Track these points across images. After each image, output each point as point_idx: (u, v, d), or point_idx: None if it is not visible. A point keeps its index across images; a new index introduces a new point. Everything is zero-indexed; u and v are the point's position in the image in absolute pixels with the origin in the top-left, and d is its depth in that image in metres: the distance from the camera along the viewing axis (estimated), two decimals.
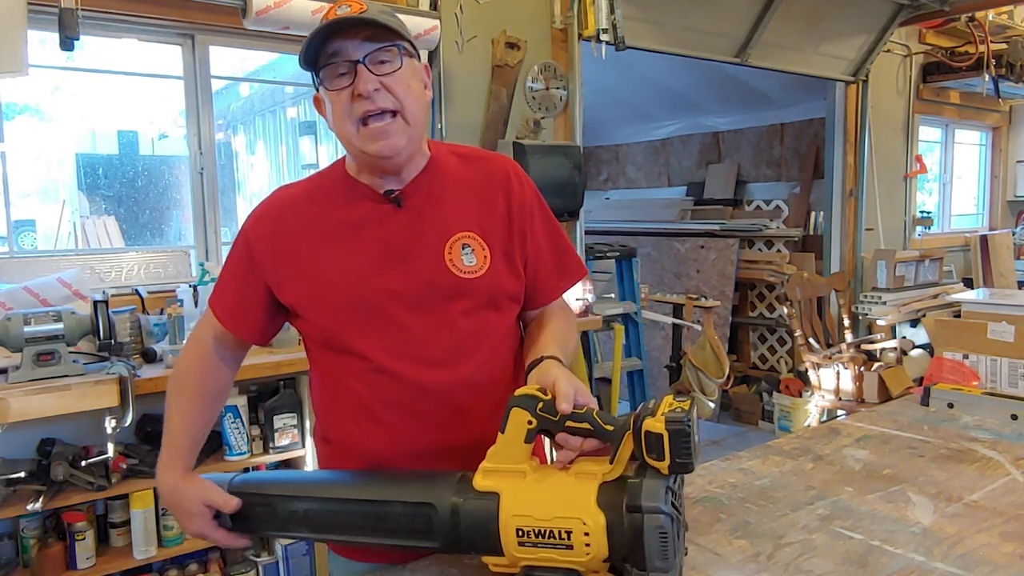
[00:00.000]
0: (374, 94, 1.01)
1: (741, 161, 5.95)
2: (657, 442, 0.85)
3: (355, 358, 1.09)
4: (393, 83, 1.03)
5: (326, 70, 1.03)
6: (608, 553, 0.87)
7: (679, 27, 3.61)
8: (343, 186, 1.13)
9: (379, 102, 1.02)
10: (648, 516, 0.84)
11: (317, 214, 1.11)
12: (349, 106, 1.03)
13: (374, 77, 1.01)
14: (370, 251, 1.08)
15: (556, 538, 0.88)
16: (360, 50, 1.01)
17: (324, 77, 1.04)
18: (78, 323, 1.97)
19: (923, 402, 1.77)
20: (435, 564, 1.05)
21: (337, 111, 1.04)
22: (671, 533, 0.84)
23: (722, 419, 4.89)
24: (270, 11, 2.39)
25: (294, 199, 1.15)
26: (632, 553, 0.85)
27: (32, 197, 4.63)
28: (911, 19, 4.51)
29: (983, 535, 1.07)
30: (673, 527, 0.84)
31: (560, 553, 0.88)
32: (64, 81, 4.37)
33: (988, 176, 6.53)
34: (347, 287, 1.08)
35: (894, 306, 4.44)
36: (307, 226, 1.11)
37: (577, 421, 0.91)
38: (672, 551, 0.84)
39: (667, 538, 0.83)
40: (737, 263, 5.06)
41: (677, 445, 0.84)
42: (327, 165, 1.20)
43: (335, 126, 1.06)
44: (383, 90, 1.02)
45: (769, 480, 1.30)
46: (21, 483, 1.93)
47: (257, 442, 2.27)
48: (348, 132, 1.04)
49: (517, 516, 0.90)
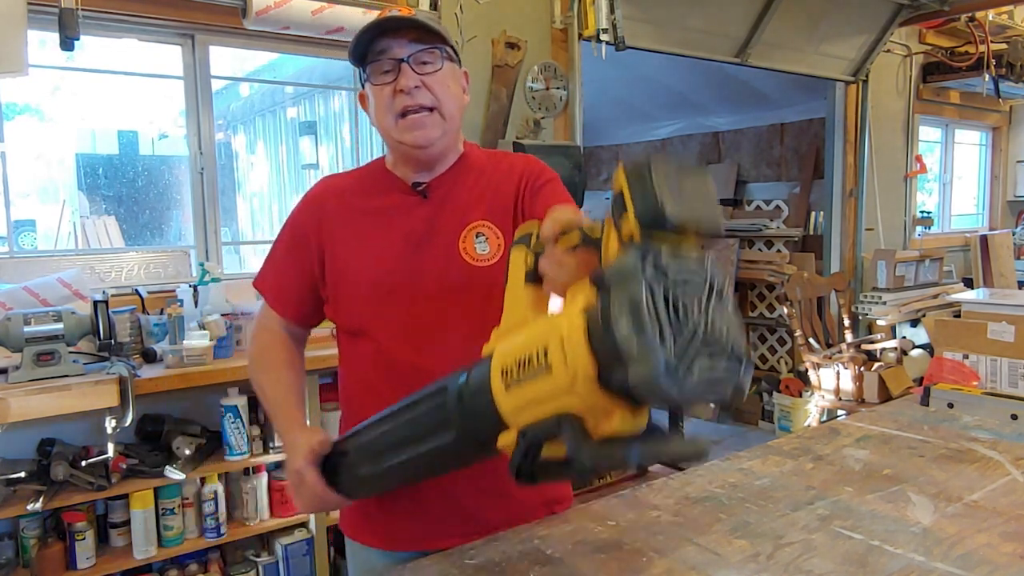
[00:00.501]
0: (414, 91, 1.10)
1: (741, 161, 5.95)
2: (620, 200, 0.69)
3: (367, 341, 1.15)
4: (433, 82, 1.11)
5: (372, 66, 1.11)
6: (595, 365, 0.67)
7: (679, 27, 3.61)
8: (379, 178, 1.21)
9: (418, 98, 1.10)
10: (615, 289, 0.65)
11: (353, 202, 1.20)
12: (391, 100, 1.11)
13: (416, 75, 1.10)
14: (393, 239, 1.15)
15: (535, 363, 0.72)
16: (405, 49, 1.10)
17: (370, 72, 1.12)
18: (78, 323, 1.97)
19: (923, 402, 1.77)
20: (435, 564, 1.05)
21: (379, 104, 1.12)
22: (651, 307, 0.64)
23: (722, 419, 4.89)
24: (270, 11, 2.39)
25: (336, 188, 1.23)
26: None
27: (32, 197, 4.63)
28: (911, 19, 4.51)
29: (983, 535, 1.07)
30: (659, 303, 0.64)
31: (543, 383, 0.72)
32: (64, 81, 4.37)
33: (988, 176, 6.53)
34: (366, 272, 1.15)
35: (894, 306, 4.44)
36: (343, 213, 1.19)
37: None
38: (657, 332, 0.63)
39: (640, 311, 0.63)
40: (737, 263, 5.06)
41: (639, 188, 0.67)
42: (369, 161, 1.30)
43: (376, 119, 1.15)
44: (423, 88, 1.10)
45: (769, 480, 1.30)
46: (21, 483, 1.93)
47: (257, 442, 2.27)
48: (388, 124, 1.13)
49: (501, 358, 0.78)
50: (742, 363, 0.68)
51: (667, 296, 0.65)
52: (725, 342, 0.67)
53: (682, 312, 0.65)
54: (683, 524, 1.13)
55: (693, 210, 0.69)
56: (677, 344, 0.64)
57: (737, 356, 0.68)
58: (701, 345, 0.65)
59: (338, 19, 2.52)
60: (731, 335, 0.68)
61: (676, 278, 0.66)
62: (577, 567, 1.01)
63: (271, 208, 5.41)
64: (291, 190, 5.22)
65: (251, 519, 2.27)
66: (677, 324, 0.65)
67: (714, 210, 0.72)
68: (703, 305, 0.67)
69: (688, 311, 0.66)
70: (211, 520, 2.18)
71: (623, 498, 1.24)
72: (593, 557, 1.03)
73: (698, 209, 0.70)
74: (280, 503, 2.32)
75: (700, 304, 0.67)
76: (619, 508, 1.20)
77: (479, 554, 1.07)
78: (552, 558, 1.04)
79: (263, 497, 2.30)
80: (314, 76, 4.12)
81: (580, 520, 1.16)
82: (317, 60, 3.30)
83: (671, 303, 0.65)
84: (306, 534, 2.35)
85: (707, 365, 0.65)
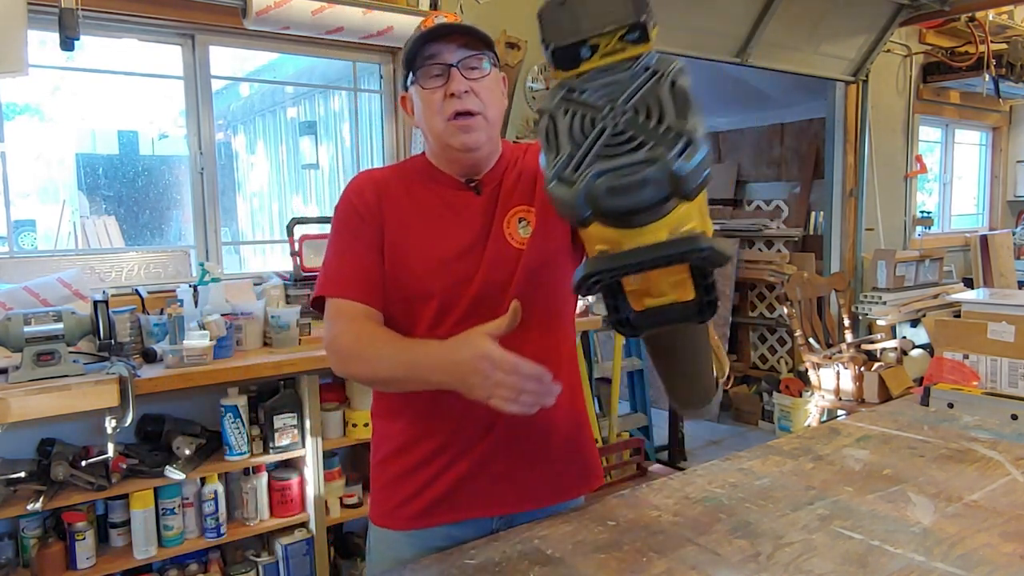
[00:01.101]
0: (464, 95, 1.13)
1: (741, 161, 5.95)
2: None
3: (429, 319, 1.17)
4: (481, 88, 1.14)
5: (423, 70, 1.15)
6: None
7: (679, 27, 3.61)
8: (427, 173, 1.23)
9: (467, 103, 1.13)
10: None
11: (411, 189, 1.22)
12: (441, 104, 1.14)
13: (466, 80, 1.13)
14: (451, 232, 1.18)
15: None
16: (455, 55, 1.13)
17: (420, 76, 1.15)
18: (78, 323, 1.97)
19: (923, 402, 1.77)
20: (435, 564, 1.05)
21: (429, 107, 1.15)
22: (551, 132, 0.69)
23: (722, 419, 4.89)
24: (270, 11, 2.39)
25: (387, 177, 1.24)
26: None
27: (32, 197, 4.63)
28: (911, 19, 4.51)
29: (983, 535, 1.07)
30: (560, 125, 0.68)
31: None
32: (64, 81, 4.36)
33: (988, 176, 6.53)
34: (425, 261, 1.17)
35: (894, 306, 4.44)
36: (404, 198, 1.20)
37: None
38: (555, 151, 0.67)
39: (545, 140, 0.69)
40: (737, 263, 5.06)
41: (541, 27, 0.73)
42: (405, 159, 1.32)
43: (424, 120, 1.17)
44: (472, 93, 1.13)
45: (769, 480, 1.30)
46: (21, 483, 1.93)
47: (257, 442, 2.27)
48: (437, 126, 1.15)
49: None
50: (678, 144, 0.63)
51: (572, 115, 0.68)
52: (640, 136, 0.65)
53: (585, 125, 0.67)
54: (683, 524, 1.13)
55: (595, 16, 0.70)
56: (576, 156, 0.66)
57: (666, 141, 0.64)
58: (603, 148, 0.66)
59: (338, 19, 2.52)
60: (663, 122, 0.65)
61: (585, 97, 0.69)
62: (577, 567, 1.01)
63: (271, 208, 5.41)
64: (291, 190, 5.21)
65: (251, 519, 2.27)
66: (581, 137, 0.66)
67: (619, 4, 0.71)
68: (615, 109, 0.67)
69: (589, 123, 0.67)
70: (211, 520, 2.18)
71: (623, 498, 1.24)
72: (593, 557, 1.03)
73: (600, 13, 0.70)
74: (280, 503, 2.32)
75: (611, 110, 0.67)
76: (619, 508, 1.20)
77: (479, 554, 1.07)
78: (552, 558, 1.04)
79: (263, 497, 2.30)
80: (314, 76, 4.11)
81: (580, 520, 1.16)
82: (317, 60, 3.30)
83: (573, 121, 0.68)
84: (306, 534, 2.35)
85: (608, 165, 0.65)
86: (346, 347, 1.14)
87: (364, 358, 1.12)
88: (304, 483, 2.35)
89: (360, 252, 1.18)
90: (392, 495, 1.24)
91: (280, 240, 2.91)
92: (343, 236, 1.20)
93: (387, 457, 1.26)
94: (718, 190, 5.94)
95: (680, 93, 0.68)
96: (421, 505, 1.21)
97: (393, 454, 1.24)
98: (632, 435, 3.48)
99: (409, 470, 1.22)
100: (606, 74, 0.71)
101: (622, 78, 0.70)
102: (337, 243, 1.21)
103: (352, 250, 1.19)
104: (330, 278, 1.19)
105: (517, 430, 1.18)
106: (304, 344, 2.38)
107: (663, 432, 4.01)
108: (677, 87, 0.68)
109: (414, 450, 1.22)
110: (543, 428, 1.22)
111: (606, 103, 0.68)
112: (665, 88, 0.68)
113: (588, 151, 0.66)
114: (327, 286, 1.19)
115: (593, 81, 0.71)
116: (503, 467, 1.20)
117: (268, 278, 2.66)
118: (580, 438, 1.31)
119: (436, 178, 1.22)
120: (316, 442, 2.31)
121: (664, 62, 0.70)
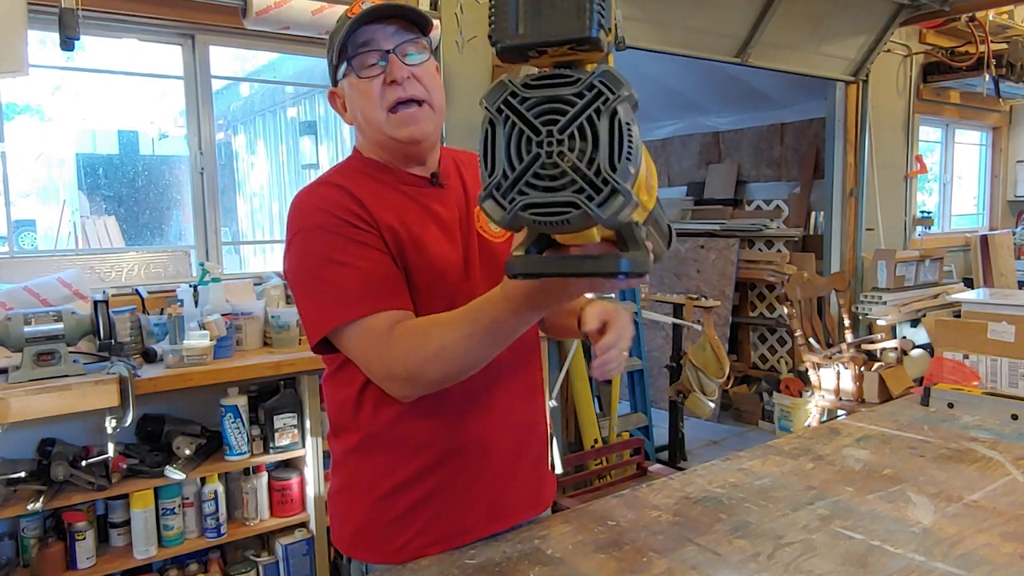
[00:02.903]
0: (406, 81, 1.05)
1: (741, 161, 5.95)
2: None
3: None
4: (422, 74, 1.06)
5: (357, 59, 1.06)
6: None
7: (679, 27, 3.61)
8: (383, 170, 1.11)
9: (410, 90, 1.05)
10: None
11: (376, 190, 1.08)
12: (380, 93, 1.05)
13: (406, 66, 1.05)
14: (432, 229, 1.09)
15: None
16: (391, 40, 1.05)
17: (355, 66, 1.06)
18: (78, 323, 1.97)
19: (923, 402, 1.77)
20: (435, 564, 1.05)
21: (367, 98, 1.06)
22: (488, 142, 0.68)
23: (722, 419, 4.89)
24: (270, 11, 2.39)
25: (343, 183, 1.08)
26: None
27: (32, 197, 4.64)
28: (911, 19, 4.51)
29: (983, 535, 1.07)
30: (498, 137, 0.68)
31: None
32: (64, 81, 4.37)
33: (988, 176, 6.53)
34: (418, 259, 1.07)
35: (894, 306, 4.44)
36: (378, 200, 1.07)
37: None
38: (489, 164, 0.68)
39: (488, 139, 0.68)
40: (737, 263, 5.06)
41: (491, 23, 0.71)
42: (336, 165, 1.17)
43: (362, 114, 1.08)
44: (413, 79, 1.05)
45: (769, 480, 1.30)
46: (21, 483, 1.93)
47: (257, 442, 2.27)
48: (377, 119, 1.06)
49: None
50: (600, 191, 0.65)
51: (511, 129, 0.68)
52: (569, 174, 0.66)
53: (522, 145, 0.68)
54: (683, 524, 1.13)
55: (546, 24, 0.68)
56: (509, 179, 0.68)
57: (592, 185, 0.65)
58: (533, 176, 0.67)
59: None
60: (592, 164, 0.66)
61: (525, 108, 0.68)
62: (577, 567, 1.01)
63: (271, 208, 5.42)
64: (291, 190, 5.22)
65: (251, 519, 2.27)
66: (516, 160, 0.68)
67: (570, 14, 0.68)
68: (552, 137, 0.67)
69: (525, 143, 0.68)
70: (211, 520, 2.18)
71: (623, 498, 1.24)
72: (593, 557, 1.03)
73: (553, 21, 0.68)
74: (280, 503, 2.32)
75: (548, 134, 0.67)
76: (619, 508, 1.20)
77: (479, 554, 1.07)
78: (552, 558, 1.04)
79: (263, 497, 2.30)
80: (314, 76, 4.12)
81: (580, 520, 1.16)
82: (317, 60, 3.30)
83: (511, 138, 0.68)
84: (306, 534, 2.35)
85: (535, 199, 0.67)
86: (407, 362, 0.96)
87: (432, 358, 0.94)
88: (304, 483, 2.35)
89: (372, 258, 1.02)
90: (405, 528, 1.12)
91: (280, 240, 2.91)
92: (339, 250, 1.01)
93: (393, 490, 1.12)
94: (718, 190, 5.94)
95: (618, 129, 0.66)
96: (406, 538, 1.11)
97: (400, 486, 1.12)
98: (632, 435, 3.48)
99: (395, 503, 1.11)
100: (551, 83, 0.68)
101: (565, 95, 0.67)
102: (333, 260, 1.01)
103: (362, 259, 1.01)
104: (343, 301, 0.99)
105: (490, 447, 1.13)
106: (304, 344, 2.38)
107: (663, 432, 4.01)
108: (616, 121, 0.66)
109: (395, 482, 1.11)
110: (516, 440, 1.17)
111: (544, 124, 0.67)
112: (603, 121, 0.66)
113: (519, 178, 0.68)
114: (341, 312, 0.99)
115: (536, 89, 0.68)
116: (478, 489, 1.13)
117: (268, 278, 2.66)
118: (542, 447, 1.26)
119: (394, 175, 1.11)
120: (316, 442, 2.31)
121: (612, 82, 0.67)
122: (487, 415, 1.13)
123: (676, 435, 3.96)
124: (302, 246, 1.04)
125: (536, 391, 1.25)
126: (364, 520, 1.14)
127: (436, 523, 1.12)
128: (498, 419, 1.14)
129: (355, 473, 1.15)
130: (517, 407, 1.18)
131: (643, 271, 0.72)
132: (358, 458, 1.14)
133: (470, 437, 1.12)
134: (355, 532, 1.15)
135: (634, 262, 0.71)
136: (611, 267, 0.71)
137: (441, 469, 1.11)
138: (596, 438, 3.23)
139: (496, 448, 1.14)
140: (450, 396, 1.07)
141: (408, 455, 1.11)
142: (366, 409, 1.11)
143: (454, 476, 1.12)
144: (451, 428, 1.11)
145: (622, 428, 3.55)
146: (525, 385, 1.21)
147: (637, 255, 0.72)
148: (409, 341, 0.96)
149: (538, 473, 1.24)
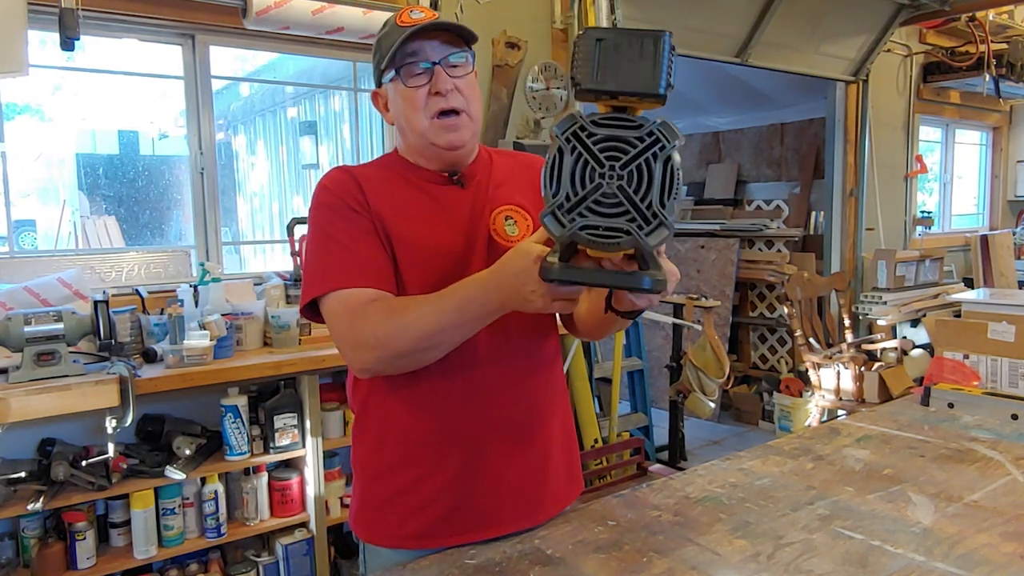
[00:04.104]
0: (449, 93, 1.12)
1: (741, 161, 5.95)
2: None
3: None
4: (464, 86, 1.14)
5: (405, 68, 1.13)
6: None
7: (679, 27, 3.61)
8: (406, 169, 1.20)
9: (452, 101, 1.13)
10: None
11: (393, 183, 1.18)
12: (425, 102, 1.13)
13: (450, 78, 1.13)
14: (439, 226, 1.15)
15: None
16: (438, 52, 1.13)
17: (403, 74, 1.14)
18: (78, 323, 1.97)
19: (923, 402, 1.77)
20: (435, 564, 1.05)
21: (412, 106, 1.14)
22: (555, 166, 0.80)
23: (722, 419, 4.89)
24: (270, 11, 2.39)
25: (365, 172, 1.18)
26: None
27: (32, 197, 4.64)
28: (911, 19, 4.51)
29: (983, 535, 1.07)
30: (566, 163, 0.80)
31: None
32: (64, 81, 4.37)
33: (988, 176, 6.53)
34: (415, 254, 1.13)
35: (894, 306, 4.44)
36: (388, 192, 1.16)
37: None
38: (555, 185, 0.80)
39: (556, 163, 0.80)
40: (737, 263, 5.06)
41: (573, 59, 0.81)
42: (377, 158, 1.27)
43: (406, 119, 1.15)
44: (456, 91, 1.13)
45: (769, 480, 1.30)
46: (21, 483, 1.93)
47: (257, 442, 2.27)
48: (420, 124, 1.14)
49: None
50: (650, 223, 0.79)
51: (577, 158, 0.80)
52: (625, 204, 0.79)
53: (586, 174, 0.80)
54: (683, 524, 1.13)
55: (625, 75, 0.80)
56: (571, 200, 0.80)
57: (643, 216, 0.80)
58: (593, 203, 0.80)
59: (338, 19, 2.52)
60: (646, 199, 0.79)
61: (592, 142, 0.80)
62: (577, 567, 1.01)
63: (271, 208, 5.41)
64: (291, 190, 5.22)
65: (251, 519, 2.27)
66: (579, 186, 0.80)
67: (646, 72, 0.80)
68: (613, 171, 0.80)
69: (589, 173, 0.80)
70: (211, 520, 2.18)
71: (623, 498, 1.24)
72: (593, 557, 1.03)
73: (631, 73, 0.80)
74: (280, 503, 2.32)
75: (610, 169, 0.80)
76: (619, 508, 1.20)
77: (479, 554, 1.07)
78: (552, 558, 1.04)
79: (263, 497, 2.30)
80: (314, 76, 4.12)
81: (580, 520, 1.16)
82: (317, 60, 3.30)
83: (576, 166, 0.79)
84: (306, 534, 2.35)
85: (593, 222, 0.80)
86: (376, 330, 1.01)
87: (403, 328, 1.00)
88: (304, 483, 2.35)
89: (363, 240, 1.10)
90: (391, 514, 1.16)
91: (280, 240, 2.91)
92: (337, 228, 1.10)
93: (381, 473, 1.18)
94: (718, 190, 5.94)
95: (670, 173, 0.79)
96: (422, 525, 1.14)
97: (388, 470, 1.17)
98: (632, 435, 3.48)
99: (408, 487, 1.15)
100: (615, 125, 0.80)
101: (627, 136, 0.80)
102: (330, 236, 1.10)
103: (353, 239, 1.09)
104: (330, 272, 1.08)
105: (515, 440, 1.15)
106: (304, 344, 2.38)
107: (663, 432, 4.01)
108: (670, 165, 0.79)
109: (411, 468, 1.15)
110: (542, 437, 1.19)
111: (607, 159, 0.79)
112: (658, 165, 0.79)
113: (581, 201, 0.80)
114: (328, 281, 1.07)
115: (602, 128, 0.80)
116: (503, 482, 1.14)
117: (268, 278, 2.66)
118: (571, 443, 1.28)
119: (418, 172, 1.19)
120: (316, 442, 2.31)
121: (668, 133, 0.79)
122: (481, 412, 1.14)
123: (676, 435, 3.96)
124: (312, 221, 1.16)
125: (549, 400, 1.24)
126: (362, 499, 1.22)
127: (421, 515, 1.15)
128: (496, 416, 1.15)
129: (355, 453, 1.25)
130: (523, 406, 1.18)
131: (662, 289, 0.85)
132: (355, 435, 1.24)
133: (461, 430, 1.13)
134: (357, 509, 1.23)
135: (656, 281, 0.84)
136: (638, 283, 0.83)
137: (426, 460, 1.14)
138: (596, 438, 3.23)
139: (492, 445, 1.14)
140: (443, 386, 1.12)
141: (394, 442, 1.16)
142: (361, 390, 1.20)
143: (437, 468, 1.14)
144: (442, 418, 1.13)
145: (622, 428, 3.55)
146: (534, 391, 1.20)
147: (658, 274, 0.84)
148: (383, 311, 1.04)
149: (542, 479, 1.20)
